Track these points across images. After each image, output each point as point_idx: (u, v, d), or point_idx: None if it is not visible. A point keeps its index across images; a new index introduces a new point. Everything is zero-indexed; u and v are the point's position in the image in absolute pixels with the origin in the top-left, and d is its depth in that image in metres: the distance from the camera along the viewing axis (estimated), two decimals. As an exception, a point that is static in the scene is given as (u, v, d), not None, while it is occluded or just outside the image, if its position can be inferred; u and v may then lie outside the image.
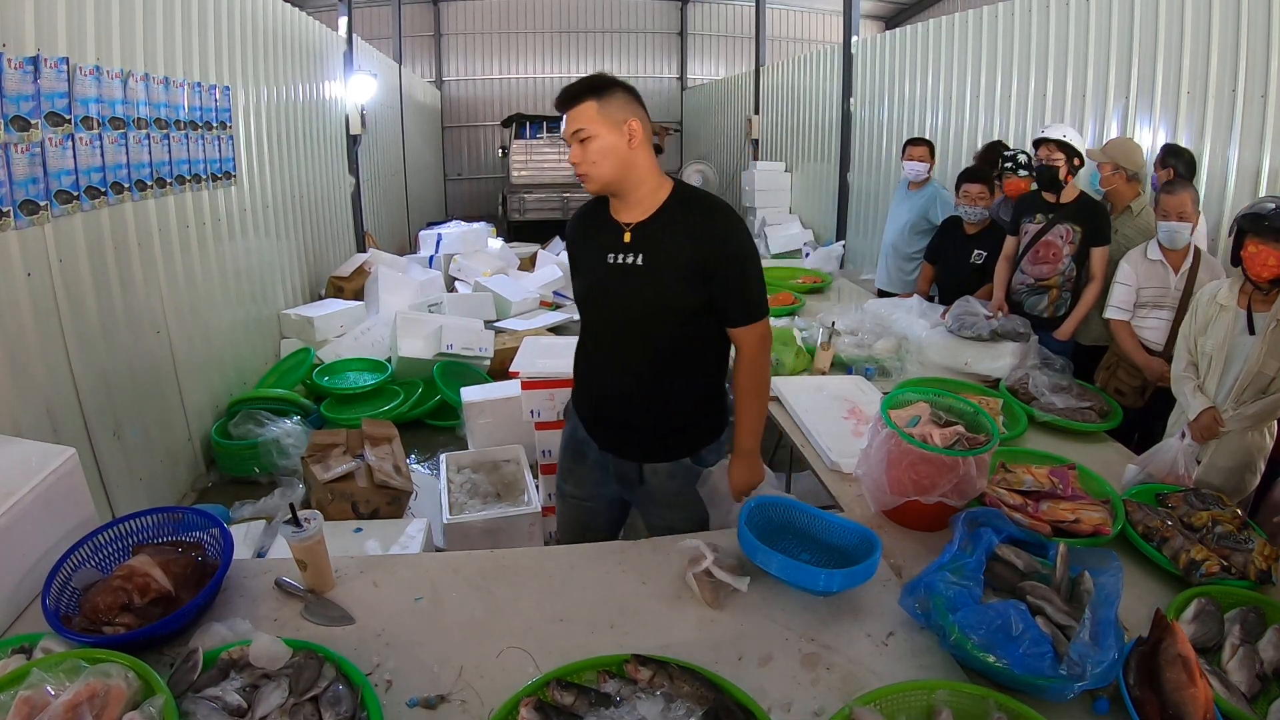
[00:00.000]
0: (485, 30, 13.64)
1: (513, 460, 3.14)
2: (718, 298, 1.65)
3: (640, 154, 1.60)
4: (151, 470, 3.16)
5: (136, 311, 3.13)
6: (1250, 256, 2.04)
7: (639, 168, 1.61)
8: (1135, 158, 3.00)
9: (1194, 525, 1.68)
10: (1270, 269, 2.01)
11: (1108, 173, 2.97)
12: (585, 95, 1.56)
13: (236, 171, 4.17)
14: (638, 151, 1.59)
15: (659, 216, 1.64)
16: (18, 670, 1.11)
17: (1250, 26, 3.00)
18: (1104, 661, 1.14)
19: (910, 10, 12.81)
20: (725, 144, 11.32)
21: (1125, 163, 2.97)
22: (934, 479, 1.63)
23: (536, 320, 6.08)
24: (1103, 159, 2.98)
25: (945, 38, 5.34)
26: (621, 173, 1.60)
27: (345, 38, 6.68)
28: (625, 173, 1.60)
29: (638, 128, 1.58)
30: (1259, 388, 2.08)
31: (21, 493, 1.39)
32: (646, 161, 1.62)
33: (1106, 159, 2.97)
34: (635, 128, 1.58)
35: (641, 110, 1.61)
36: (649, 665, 1.19)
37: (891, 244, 4.15)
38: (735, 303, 1.66)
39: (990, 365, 2.76)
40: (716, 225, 1.62)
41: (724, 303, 1.66)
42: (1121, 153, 2.99)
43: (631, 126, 1.57)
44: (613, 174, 1.60)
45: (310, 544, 1.44)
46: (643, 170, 1.62)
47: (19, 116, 2.39)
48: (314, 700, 1.14)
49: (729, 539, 1.58)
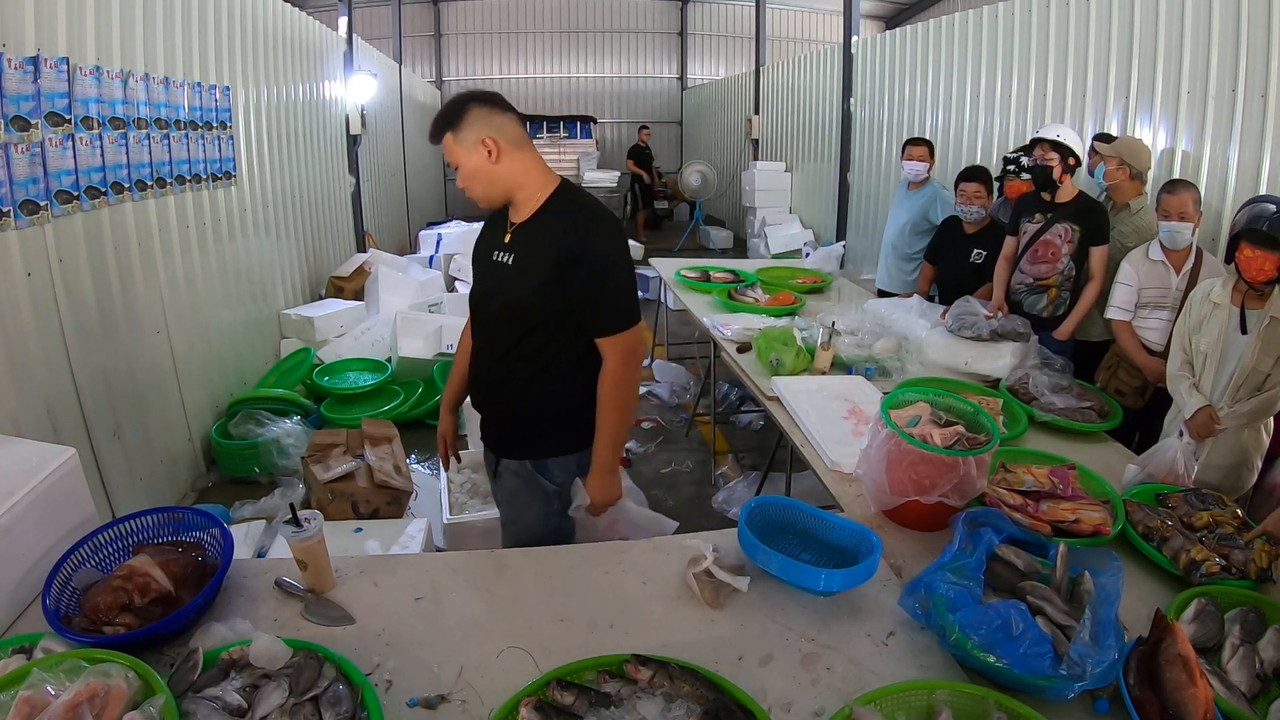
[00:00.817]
0: (485, 30, 13.65)
1: (513, 460, 3.14)
2: (575, 301, 1.62)
3: (508, 163, 1.63)
4: (151, 470, 3.16)
5: (136, 311, 3.13)
6: (1245, 259, 2.06)
7: (510, 176, 1.64)
8: (1142, 157, 3.00)
9: (1194, 525, 1.68)
10: (1265, 273, 2.04)
11: (1113, 167, 2.96)
12: (441, 130, 1.63)
13: (236, 171, 4.17)
14: (504, 162, 1.62)
15: (537, 216, 1.67)
16: (18, 670, 1.11)
17: (1250, 26, 3.00)
18: (1104, 661, 1.14)
19: (910, 10, 12.81)
20: (725, 144, 11.33)
21: (1131, 159, 2.97)
22: (934, 479, 1.63)
23: (536, 320, 6.08)
24: (1109, 153, 2.98)
25: (945, 38, 5.34)
26: (495, 186, 1.65)
27: (345, 38, 6.68)
28: (498, 184, 1.65)
29: (493, 142, 1.61)
30: (1254, 385, 2.09)
31: (21, 493, 1.39)
32: (519, 167, 1.65)
33: (1113, 153, 2.97)
34: (491, 142, 1.61)
35: (501, 118, 1.63)
36: (649, 665, 1.19)
37: (891, 244, 4.15)
38: (594, 309, 1.63)
39: (990, 365, 2.76)
40: (581, 225, 1.61)
41: (583, 308, 1.63)
42: (1129, 150, 2.98)
43: (487, 143, 1.60)
44: (486, 190, 1.66)
45: (310, 544, 1.44)
46: (516, 176, 1.65)
47: (19, 116, 2.39)
48: (314, 700, 1.14)
49: (729, 539, 1.58)
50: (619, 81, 14.17)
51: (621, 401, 1.69)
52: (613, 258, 1.63)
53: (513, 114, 1.66)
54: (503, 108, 1.65)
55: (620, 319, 1.64)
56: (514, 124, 1.65)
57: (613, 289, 1.63)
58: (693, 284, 4.24)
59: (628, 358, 1.65)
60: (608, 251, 1.62)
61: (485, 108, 1.63)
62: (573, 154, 11.36)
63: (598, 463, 1.74)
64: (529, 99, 13.76)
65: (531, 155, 1.67)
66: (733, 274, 4.33)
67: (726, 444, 4.12)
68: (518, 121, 1.66)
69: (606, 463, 1.73)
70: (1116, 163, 2.96)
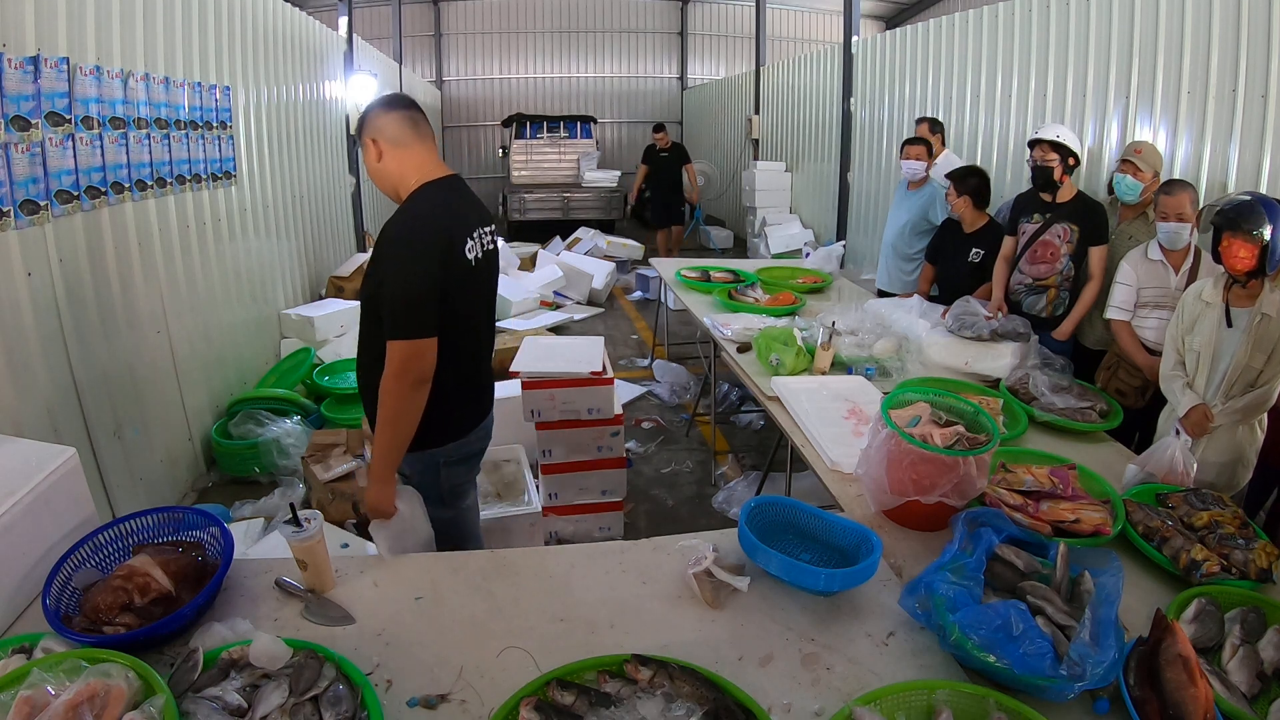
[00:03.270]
0: (485, 30, 13.65)
1: (513, 460, 3.14)
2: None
3: (388, 162, 1.72)
4: (152, 470, 3.16)
5: (137, 311, 3.13)
6: (1224, 250, 2.08)
7: (391, 173, 1.73)
8: (1160, 160, 2.98)
9: (1194, 525, 1.68)
10: (1243, 261, 2.04)
11: (1149, 179, 2.91)
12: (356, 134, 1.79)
13: (236, 171, 4.17)
14: (386, 161, 1.71)
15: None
16: (18, 670, 1.11)
17: (1250, 26, 3.00)
18: (1104, 661, 1.14)
19: (910, 10, 12.81)
20: (725, 144, 11.32)
21: (1159, 167, 2.94)
22: (934, 479, 1.63)
23: (536, 320, 6.09)
24: (1145, 168, 2.89)
25: (945, 38, 5.34)
26: (383, 182, 1.76)
27: (345, 38, 6.68)
28: (383, 181, 1.76)
29: (371, 143, 1.71)
30: (1247, 382, 2.11)
31: (22, 493, 1.39)
32: (397, 166, 1.72)
33: (1148, 167, 2.89)
34: (372, 143, 1.71)
35: (385, 119, 1.71)
36: (649, 665, 1.19)
37: (891, 244, 4.15)
38: (384, 311, 1.62)
39: (990, 365, 2.76)
40: (385, 229, 1.67)
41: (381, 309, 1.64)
42: (1158, 160, 2.93)
43: (370, 143, 1.71)
44: (379, 185, 1.78)
45: (310, 544, 1.44)
46: (392, 177, 1.73)
47: (19, 116, 2.38)
48: (314, 700, 1.14)
49: (729, 539, 1.58)
50: (619, 81, 14.17)
51: (390, 414, 1.64)
52: (395, 265, 1.61)
53: (401, 113, 1.72)
54: (396, 108, 1.73)
55: (392, 327, 1.60)
56: (397, 124, 1.71)
57: (389, 297, 1.60)
58: (693, 284, 4.24)
59: (398, 369, 1.60)
60: (391, 256, 1.62)
61: (377, 110, 1.74)
62: (573, 154, 11.34)
63: (371, 470, 1.74)
64: (529, 99, 13.77)
65: (413, 155, 1.71)
66: (733, 274, 4.33)
67: (726, 444, 4.12)
68: (404, 121, 1.71)
69: (375, 472, 1.71)
70: (1152, 174, 2.91)
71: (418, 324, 1.59)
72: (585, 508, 3.02)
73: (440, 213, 1.67)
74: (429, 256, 1.60)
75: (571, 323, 6.38)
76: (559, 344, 3.21)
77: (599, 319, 6.69)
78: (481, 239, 1.77)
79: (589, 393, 2.84)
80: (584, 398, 2.84)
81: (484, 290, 1.83)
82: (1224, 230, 2.07)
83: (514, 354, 3.01)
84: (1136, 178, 2.89)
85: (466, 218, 1.72)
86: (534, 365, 2.86)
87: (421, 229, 1.64)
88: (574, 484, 2.98)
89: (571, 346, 3.11)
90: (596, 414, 2.87)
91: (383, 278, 1.62)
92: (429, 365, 1.62)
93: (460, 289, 1.68)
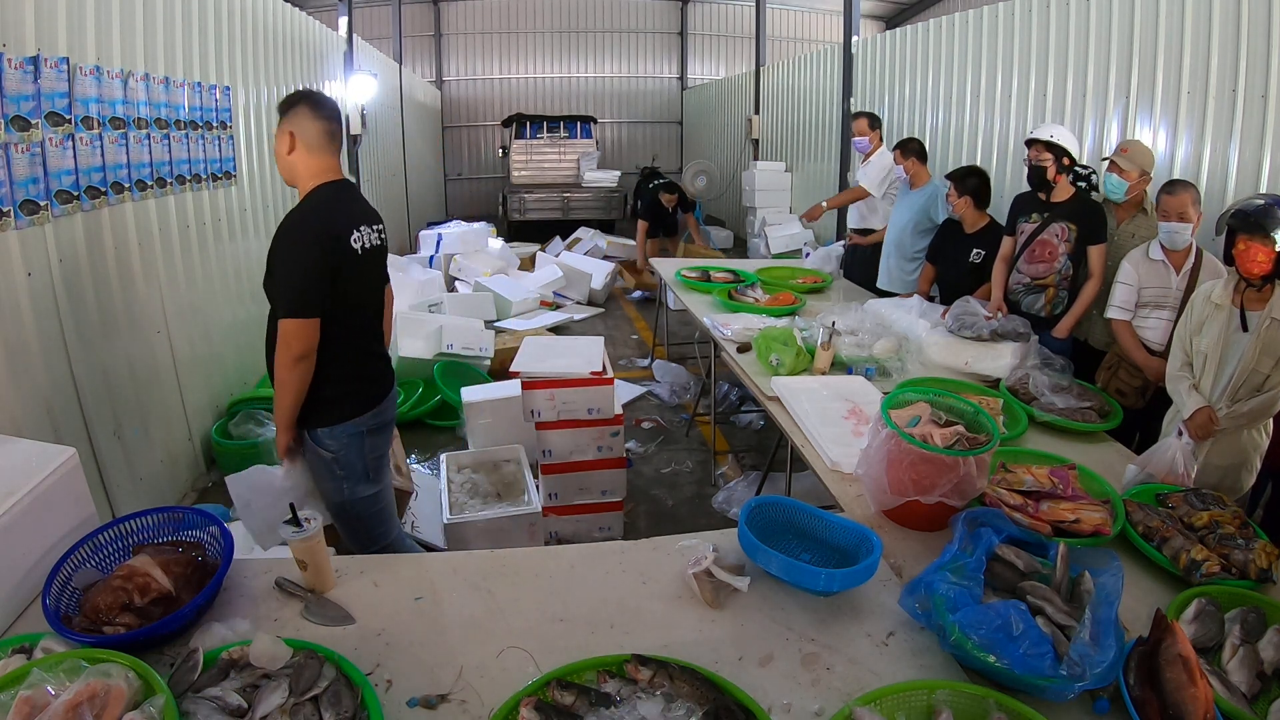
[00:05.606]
0: (485, 30, 13.65)
1: (513, 460, 3.14)
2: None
3: (296, 158, 1.89)
4: (152, 470, 3.16)
5: (136, 311, 3.13)
6: (1240, 254, 2.05)
7: (294, 168, 1.91)
8: (1150, 158, 2.98)
9: (1194, 525, 1.68)
10: (1260, 264, 2.02)
11: (1135, 179, 2.91)
12: (279, 110, 1.91)
13: (236, 171, 4.17)
14: (294, 156, 1.89)
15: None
16: (18, 670, 1.11)
17: (1250, 26, 3.00)
18: (1104, 661, 1.14)
19: (910, 10, 12.81)
20: (725, 144, 11.32)
21: (1147, 166, 2.94)
22: (934, 479, 1.63)
23: (536, 320, 6.09)
24: (1130, 166, 2.91)
25: (945, 38, 5.34)
26: (285, 171, 1.93)
27: (345, 38, 6.68)
28: (285, 171, 1.93)
29: (289, 135, 1.86)
30: (1254, 386, 2.09)
31: (21, 493, 1.39)
32: (301, 167, 1.89)
33: (1133, 166, 2.91)
34: (290, 136, 1.86)
35: (310, 121, 1.87)
36: (649, 665, 1.19)
37: (893, 244, 4.16)
38: (272, 294, 1.85)
39: (990, 365, 2.76)
40: (279, 225, 1.86)
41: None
42: (1146, 158, 2.94)
43: (284, 132, 1.87)
44: (280, 172, 1.95)
45: (310, 544, 1.44)
46: (295, 170, 1.91)
47: (19, 116, 2.38)
48: (314, 700, 1.14)
49: (729, 539, 1.58)
50: (619, 81, 14.17)
51: (280, 379, 1.85)
52: (278, 259, 1.83)
53: (325, 125, 1.89)
54: (321, 114, 1.88)
55: (277, 303, 1.84)
56: (317, 132, 1.88)
57: (276, 275, 1.83)
58: (693, 284, 4.24)
59: (284, 342, 1.80)
60: (278, 250, 1.84)
61: (306, 108, 1.88)
62: (573, 154, 11.34)
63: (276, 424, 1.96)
64: (529, 99, 13.77)
65: (319, 161, 1.89)
66: (733, 274, 4.33)
67: (726, 444, 4.12)
68: (324, 133, 1.89)
69: (278, 424, 1.93)
70: (1138, 173, 2.91)
71: (300, 305, 1.80)
72: (585, 508, 3.02)
73: (326, 209, 1.88)
74: (314, 245, 1.81)
75: (571, 323, 6.38)
76: (559, 344, 3.21)
77: (599, 319, 6.69)
78: (367, 233, 1.97)
79: (589, 393, 2.84)
80: (584, 398, 2.84)
81: (371, 275, 2.04)
82: (1241, 233, 2.04)
83: (514, 354, 3.01)
84: (1122, 176, 2.90)
85: (352, 214, 1.94)
86: (534, 365, 2.86)
87: (307, 223, 1.85)
88: (574, 484, 2.98)
89: (571, 346, 3.11)
90: (596, 414, 2.87)
91: (273, 266, 1.83)
92: (310, 342, 1.82)
93: (349, 273, 1.88)
